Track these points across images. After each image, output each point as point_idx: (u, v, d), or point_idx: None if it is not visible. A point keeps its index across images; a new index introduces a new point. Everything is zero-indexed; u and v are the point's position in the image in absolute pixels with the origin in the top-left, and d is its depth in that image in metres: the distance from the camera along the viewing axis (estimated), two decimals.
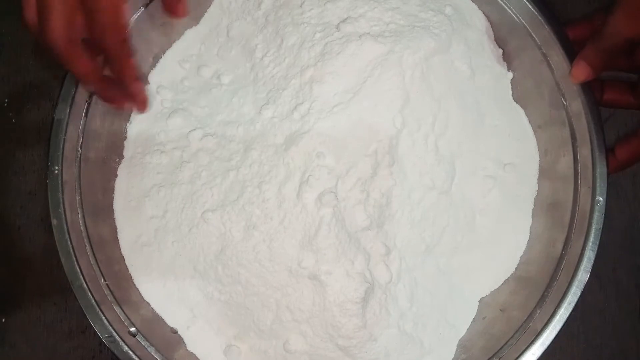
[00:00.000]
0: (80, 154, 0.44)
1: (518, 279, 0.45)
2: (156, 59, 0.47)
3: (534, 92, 0.46)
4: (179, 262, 0.43)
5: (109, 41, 0.36)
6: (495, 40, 0.47)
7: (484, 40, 0.46)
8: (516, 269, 0.46)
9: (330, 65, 0.42)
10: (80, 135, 0.45)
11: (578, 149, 0.44)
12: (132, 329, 0.42)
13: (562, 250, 0.43)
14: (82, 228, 0.43)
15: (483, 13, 0.47)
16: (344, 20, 0.44)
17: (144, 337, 0.42)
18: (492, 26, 0.47)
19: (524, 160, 0.46)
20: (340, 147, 0.42)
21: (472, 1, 0.47)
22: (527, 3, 0.44)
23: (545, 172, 0.46)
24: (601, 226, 0.42)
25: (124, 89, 0.39)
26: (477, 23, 0.47)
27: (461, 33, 0.45)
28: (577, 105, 0.44)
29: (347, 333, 0.41)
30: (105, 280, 0.43)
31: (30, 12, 0.35)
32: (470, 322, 0.45)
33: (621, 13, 0.39)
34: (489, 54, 0.46)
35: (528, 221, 0.46)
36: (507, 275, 0.45)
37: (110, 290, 0.43)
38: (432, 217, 0.44)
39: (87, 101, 0.45)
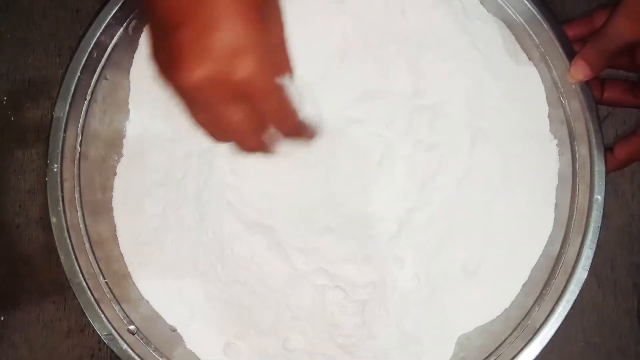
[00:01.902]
0: (80, 152, 0.45)
1: None
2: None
3: None
4: (178, 261, 0.43)
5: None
6: None
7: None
8: None
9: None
10: (80, 133, 0.45)
11: (576, 147, 0.44)
12: (131, 327, 0.43)
13: (560, 249, 0.43)
14: (81, 226, 0.44)
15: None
16: None
17: (143, 335, 0.43)
18: None
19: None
20: None
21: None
22: (526, 2, 0.44)
23: None
24: (599, 224, 0.42)
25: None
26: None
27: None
28: (575, 104, 0.44)
29: (346, 331, 0.41)
30: (104, 278, 0.43)
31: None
32: (468, 321, 0.45)
33: (624, 16, 0.39)
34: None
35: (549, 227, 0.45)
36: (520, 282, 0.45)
37: (109, 288, 0.43)
38: (434, 221, 0.44)
39: (86, 99, 0.45)
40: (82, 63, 0.45)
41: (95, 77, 0.45)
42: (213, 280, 0.42)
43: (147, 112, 0.46)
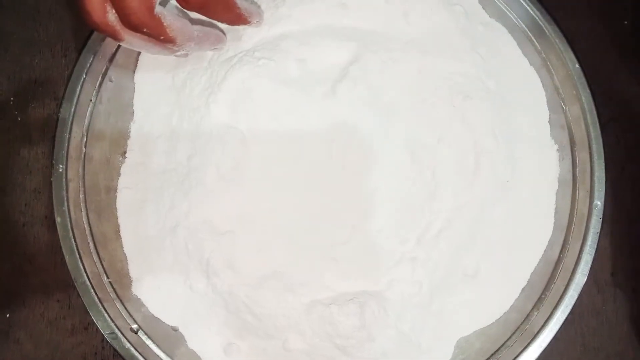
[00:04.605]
0: (85, 153, 0.45)
1: None
2: None
3: None
4: (180, 262, 0.43)
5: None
6: None
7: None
8: None
9: None
10: (85, 134, 0.45)
11: (577, 153, 0.44)
12: (134, 326, 0.43)
13: (560, 254, 0.44)
14: (85, 226, 0.44)
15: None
16: None
17: (145, 334, 0.43)
18: None
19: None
20: None
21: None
22: (528, 7, 0.45)
23: None
24: (599, 230, 0.43)
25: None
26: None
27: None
28: (576, 109, 0.44)
29: (345, 332, 0.41)
30: (108, 278, 0.44)
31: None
32: (467, 324, 0.45)
33: None
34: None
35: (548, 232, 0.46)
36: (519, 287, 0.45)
37: (112, 288, 0.44)
38: (437, 228, 0.44)
39: (91, 101, 0.46)
40: (88, 64, 0.45)
41: (100, 78, 0.46)
42: (213, 281, 0.43)
43: (151, 113, 0.46)
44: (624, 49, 0.50)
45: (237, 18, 0.42)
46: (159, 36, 0.38)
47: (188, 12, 0.41)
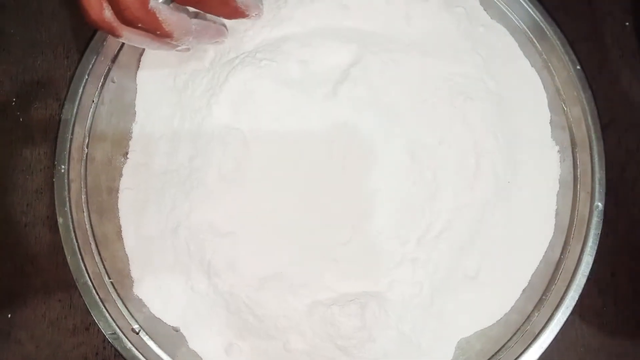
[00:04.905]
0: (87, 154, 0.45)
1: None
2: None
3: None
4: (181, 263, 0.43)
5: None
6: None
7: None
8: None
9: None
10: (87, 135, 0.45)
11: (578, 154, 0.44)
12: (135, 326, 0.43)
13: (561, 255, 0.44)
14: (87, 226, 0.44)
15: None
16: None
17: (147, 334, 0.43)
18: None
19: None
20: None
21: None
22: (529, 9, 0.45)
23: None
24: (599, 231, 0.43)
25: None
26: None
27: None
28: (577, 111, 0.44)
29: (346, 333, 0.41)
30: (109, 278, 0.44)
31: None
32: (468, 325, 0.45)
33: None
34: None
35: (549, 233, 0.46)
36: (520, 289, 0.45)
37: (114, 288, 0.44)
38: (438, 230, 0.44)
39: (93, 102, 0.46)
40: (90, 65, 0.46)
41: (102, 79, 0.46)
42: (214, 282, 0.43)
43: (153, 114, 0.47)
44: (625, 51, 0.50)
45: (234, 12, 0.41)
46: (155, 31, 0.38)
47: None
